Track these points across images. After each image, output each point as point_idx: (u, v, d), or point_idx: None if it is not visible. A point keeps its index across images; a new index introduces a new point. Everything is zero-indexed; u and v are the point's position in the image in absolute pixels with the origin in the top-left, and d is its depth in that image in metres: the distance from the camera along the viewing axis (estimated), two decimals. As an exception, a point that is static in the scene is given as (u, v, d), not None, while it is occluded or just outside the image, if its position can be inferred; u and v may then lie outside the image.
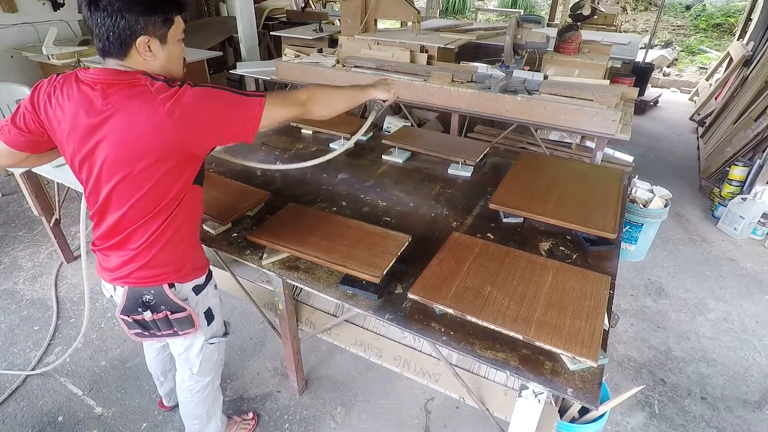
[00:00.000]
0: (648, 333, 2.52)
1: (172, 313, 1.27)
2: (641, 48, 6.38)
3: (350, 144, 1.74)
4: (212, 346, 1.51)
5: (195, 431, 1.74)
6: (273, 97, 1.17)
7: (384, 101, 1.59)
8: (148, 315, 1.25)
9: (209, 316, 1.43)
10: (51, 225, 2.76)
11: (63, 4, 4.75)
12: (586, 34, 3.75)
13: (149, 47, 1.05)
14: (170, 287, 1.25)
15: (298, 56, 3.87)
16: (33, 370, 2.18)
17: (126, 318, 1.28)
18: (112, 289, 1.31)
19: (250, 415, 1.98)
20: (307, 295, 2.28)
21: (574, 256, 1.57)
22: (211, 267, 2.44)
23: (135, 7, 0.99)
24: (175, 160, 1.09)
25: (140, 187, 1.09)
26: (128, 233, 1.17)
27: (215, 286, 1.46)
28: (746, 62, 5.43)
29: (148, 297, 1.24)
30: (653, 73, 7.19)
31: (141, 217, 1.14)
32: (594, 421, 1.70)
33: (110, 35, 1.01)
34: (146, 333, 1.32)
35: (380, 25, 4.35)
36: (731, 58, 5.96)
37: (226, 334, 1.57)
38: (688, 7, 11.05)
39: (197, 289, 1.34)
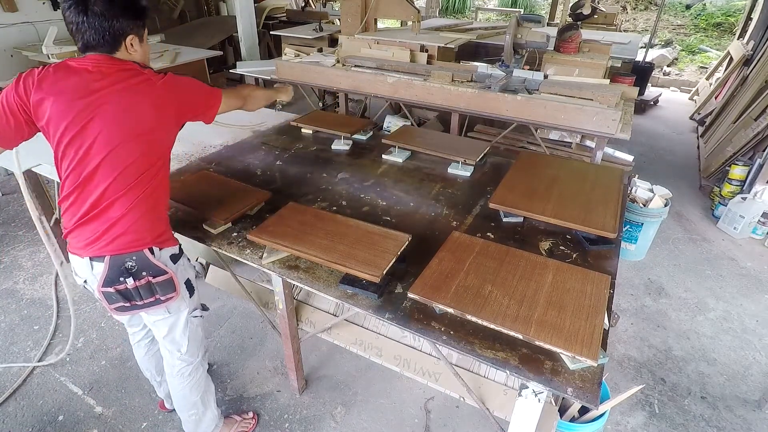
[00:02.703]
0: (648, 332, 2.52)
1: (154, 277, 1.34)
2: (641, 47, 6.38)
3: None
4: (196, 320, 1.57)
5: (192, 424, 1.75)
6: (226, 91, 1.54)
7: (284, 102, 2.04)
8: (130, 282, 1.31)
9: (189, 287, 1.50)
10: (51, 224, 2.76)
11: (63, 4, 4.75)
12: (586, 34, 3.74)
13: (132, 44, 1.29)
14: (150, 252, 1.32)
15: (298, 55, 3.87)
16: (39, 361, 2.18)
17: (108, 290, 1.31)
18: (89, 270, 1.32)
19: (250, 414, 1.99)
20: (307, 294, 2.28)
21: (574, 255, 1.57)
22: (212, 266, 2.43)
23: (127, 13, 1.24)
24: (164, 131, 1.32)
25: (131, 155, 1.24)
26: (111, 201, 1.26)
27: (188, 259, 1.52)
28: (746, 61, 5.43)
29: (130, 264, 1.30)
30: (653, 73, 7.19)
31: (126, 185, 1.26)
32: (594, 420, 1.70)
33: (106, 34, 1.22)
34: (128, 305, 1.36)
35: (380, 24, 4.35)
36: (731, 57, 5.96)
37: (205, 309, 1.64)
38: (688, 7, 11.05)
39: (174, 258, 1.42)
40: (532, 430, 1.30)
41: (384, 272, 1.34)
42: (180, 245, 1.47)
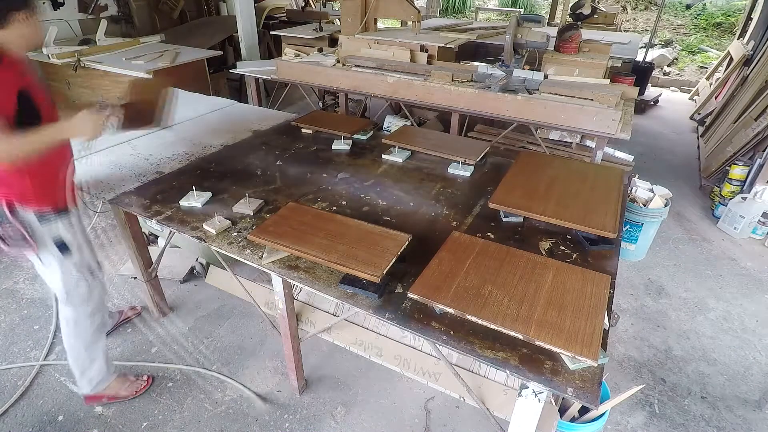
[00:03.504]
0: (648, 332, 2.52)
1: (11, 227, 1.51)
2: (641, 47, 6.39)
3: None
4: (74, 277, 1.71)
5: (78, 370, 1.88)
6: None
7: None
8: None
9: (62, 247, 1.63)
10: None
11: (63, 4, 4.75)
12: (587, 34, 3.75)
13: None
14: (10, 207, 1.49)
15: (298, 55, 3.87)
16: (46, 359, 2.19)
17: None
18: None
19: (145, 377, 2.10)
20: (308, 294, 2.28)
21: (574, 255, 1.57)
22: (212, 266, 2.40)
23: None
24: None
25: None
26: None
27: (73, 223, 1.65)
28: (746, 61, 5.43)
29: None
30: (653, 73, 7.19)
31: None
32: (594, 420, 1.70)
33: None
34: (3, 243, 1.55)
35: (380, 24, 4.35)
36: (731, 57, 5.96)
37: (93, 274, 1.78)
38: (688, 6, 11.05)
39: (41, 218, 1.55)
40: (532, 430, 1.30)
41: (384, 272, 1.34)
42: (63, 209, 1.60)
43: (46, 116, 1.51)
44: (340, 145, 2.38)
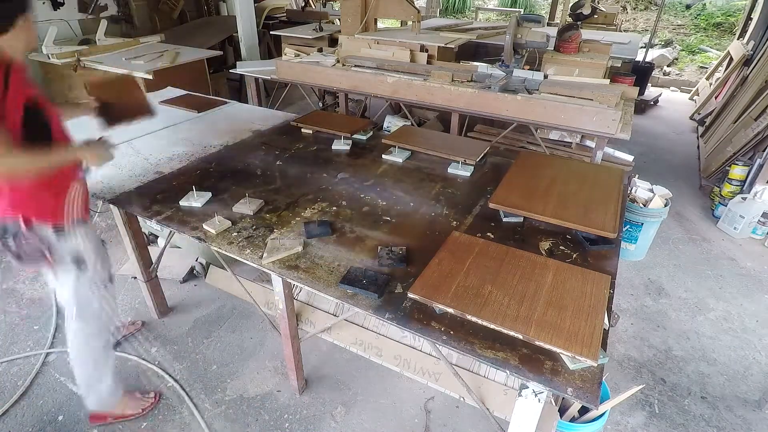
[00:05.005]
0: (648, 332, 2.52)
1: (27, 242, 1.48)
2: (641, 47, 6.39)
3: None
4: (88, 291, 1.65)
5: (84, 387, 1.83)
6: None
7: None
8: (11, 242, 1.47)
9: (78, 261, 1.60)
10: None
11: (63, 4, 4.75)
12: (586, 34, 3.75)
13: None
14: (27, 223, 1.45)
15: (298, 55, 3.88)
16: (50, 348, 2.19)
17: None
18: None
19: (152, 394, 2.05)
20: (308, 294, 2.28)
21: (574, 255, 1.57)
22: (212, 266, 2.40)
23: None
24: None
25: None
26: None
27: (88, 235, 1.61)
28: (746, 61, 5.43)
29: (10, 227, 1.46)
30: (653, 73, 7.19)
31: None
32: (594, 420, 1.70)
33: None
34: (18, 259, 1.54)
35: (380, 24, 4.35)
36: (731, 57, 5.96)
37: (106, 287, 1.73)
38: (688, 6, 11.05)
39: (58, 233, 1.52)
40: (532, 430, 1.30)
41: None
42: (76, 221, 1.56)
43: (57, 132, 1.47)
44: (340, 145, 2.38)
